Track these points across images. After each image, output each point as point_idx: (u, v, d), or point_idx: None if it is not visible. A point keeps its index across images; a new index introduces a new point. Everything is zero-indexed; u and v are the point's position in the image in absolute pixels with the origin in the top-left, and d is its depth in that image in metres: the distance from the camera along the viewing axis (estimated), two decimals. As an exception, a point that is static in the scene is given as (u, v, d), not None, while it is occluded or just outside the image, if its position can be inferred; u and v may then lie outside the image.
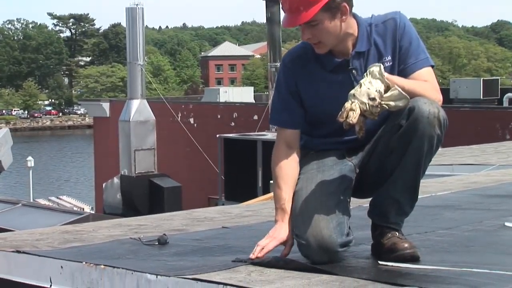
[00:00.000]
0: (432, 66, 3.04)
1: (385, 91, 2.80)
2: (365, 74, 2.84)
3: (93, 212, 26.37)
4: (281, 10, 2.97)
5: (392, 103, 2.81)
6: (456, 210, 4.65)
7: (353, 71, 3.01)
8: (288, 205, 3.02)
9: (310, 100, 3.07)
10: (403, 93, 2.81)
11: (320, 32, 2.92)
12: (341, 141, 3.09)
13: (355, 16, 3.01)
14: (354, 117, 2.77)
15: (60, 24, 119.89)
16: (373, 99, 2.77)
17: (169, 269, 2.95)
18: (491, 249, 3.30)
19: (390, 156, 2.96)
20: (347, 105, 2.78)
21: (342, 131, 2.98)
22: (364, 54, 3.01)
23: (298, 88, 3.07)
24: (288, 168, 3.06)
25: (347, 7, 2.93)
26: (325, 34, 2.93)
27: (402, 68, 3.00)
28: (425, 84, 2.95)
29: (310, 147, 3.16)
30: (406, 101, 2.83)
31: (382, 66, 2.83)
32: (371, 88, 2.78)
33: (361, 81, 2.82)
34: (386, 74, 2.82)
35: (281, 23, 3.18)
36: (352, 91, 2.81)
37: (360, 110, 2.77)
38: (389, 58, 3.00)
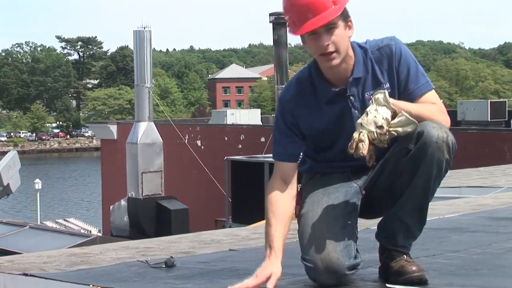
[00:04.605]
0: (433, 89, 3.03)
1: (392, 117, 2.78)
2: (370, 101, 2.82)
3: (100, 234, 26.29)
4: (286, 28, 2.95)
5: (400, 129, 2.78)
6: (464, 232, 4.63)
7: (351, 97, 2.98)
8: (276, 242, 2.94)
9: (312, 133, 3.06)
10: (411, 118, 2.79)
11: (337, 38, 2.88)
12: (346, 165, 3.08)
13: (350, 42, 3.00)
14: (364, 149, 2.74)
15: (68, 47, 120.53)
16: (381, 127, 2.74)
17: (176, 292, 2.94)
18: (500, 272, 3.28)
19: (399, 178, 2.95)
20: (355, 135, 2.76)
21: (347, 157, 2.95)
22: (361, 80, 2.98)
23: (298, 124, 3.06)
24: (280, 203, 3.00)
25: (352, 25, 2.95)
26: (341, 41, 2.89)
27: (404, 95, 2.96)
28: (431, 106, 2.94)
29: (315, 171, 3.15)
30: (414, 126, 2.81)
31: (386, 92, 2.81)
32: (377, 116, 2.75)
33: (367, 110, 2.78)
34: (391, 100, 2.80)
35: (291, 31, 3.01)
36: (359, 120, 2.78)
37: (369, 139, 2.75)
38: (388, 85, 2.97)
